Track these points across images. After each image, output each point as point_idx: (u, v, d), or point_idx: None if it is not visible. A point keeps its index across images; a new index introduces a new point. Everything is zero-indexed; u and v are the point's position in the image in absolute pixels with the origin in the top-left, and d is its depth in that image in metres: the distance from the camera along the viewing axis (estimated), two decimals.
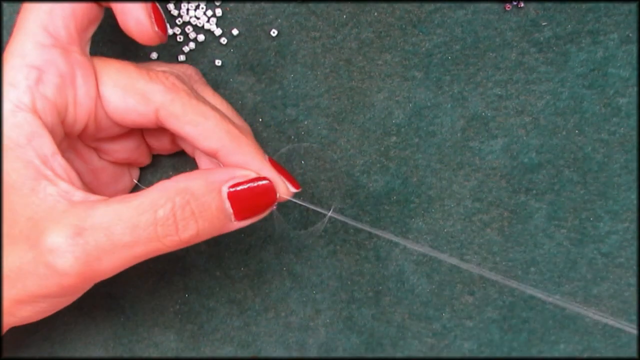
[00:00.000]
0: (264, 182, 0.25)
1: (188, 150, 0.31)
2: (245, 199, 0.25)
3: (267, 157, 0.27)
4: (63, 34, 0.25)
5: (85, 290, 0.26)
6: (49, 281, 0.24)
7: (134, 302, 0.34)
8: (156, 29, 0.26)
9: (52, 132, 0.25)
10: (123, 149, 0.30)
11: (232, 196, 0.25)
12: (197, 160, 0.30)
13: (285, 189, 0.26)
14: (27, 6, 0.25)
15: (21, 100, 0.24)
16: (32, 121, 0.24)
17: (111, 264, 0.24)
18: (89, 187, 0.29)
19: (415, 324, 0.33)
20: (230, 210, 0.25)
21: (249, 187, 0.25)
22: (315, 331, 0.33)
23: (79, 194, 0.24)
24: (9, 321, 0.26)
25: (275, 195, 0.26)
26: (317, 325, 0.33)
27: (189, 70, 0.29)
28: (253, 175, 0.25)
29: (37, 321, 0.26)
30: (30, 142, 0.24)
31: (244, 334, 0.33)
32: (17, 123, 0.24)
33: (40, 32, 0.24)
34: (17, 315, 0.25)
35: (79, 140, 0.28)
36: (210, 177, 0.25)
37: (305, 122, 0.32)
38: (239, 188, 0.25)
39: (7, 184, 0.24)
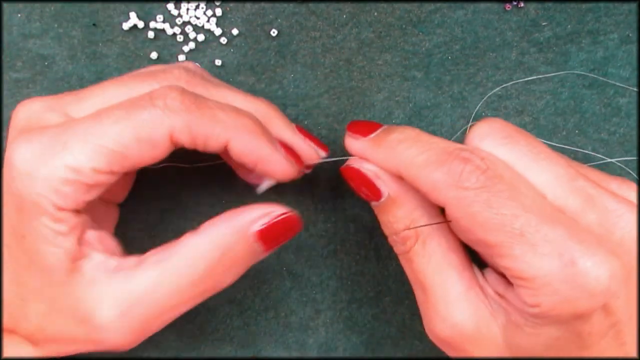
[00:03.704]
0: (287, 214, 0.25)
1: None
2: (272, 233, 0.25)
3: (294, 125, 0.28)
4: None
5: None
6: (103, 348, 0.25)
7: None
8: (297, 167, 0.27)
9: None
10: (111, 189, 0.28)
11: (260, 235, 0.25)
12: (235, 169, 0.30)
13: (315, 155, 0.27)
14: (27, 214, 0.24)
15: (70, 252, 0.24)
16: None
17: (159, 325, 0.25)
18: None
19: (416, 324, 0.33)
20: (260, 249, 0.25)
21: (274, 223, 0.25)
22: (315, 331, 0.33)
23: (113, 262, 0.25)
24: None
25: (301, 224, 0.26)
26: (317, 325, 0.33)
27: (190, 66, 0.28)
28: (276, 212, 0.25)
29: None
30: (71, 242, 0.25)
31: (244, 334, 0.33)
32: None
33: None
34: None
35: None
36: (236, 222, 0.25)
37: (305, 122, 0.32)
38: (265, 226, 0.25)
39: (44, 267, 0.24)
